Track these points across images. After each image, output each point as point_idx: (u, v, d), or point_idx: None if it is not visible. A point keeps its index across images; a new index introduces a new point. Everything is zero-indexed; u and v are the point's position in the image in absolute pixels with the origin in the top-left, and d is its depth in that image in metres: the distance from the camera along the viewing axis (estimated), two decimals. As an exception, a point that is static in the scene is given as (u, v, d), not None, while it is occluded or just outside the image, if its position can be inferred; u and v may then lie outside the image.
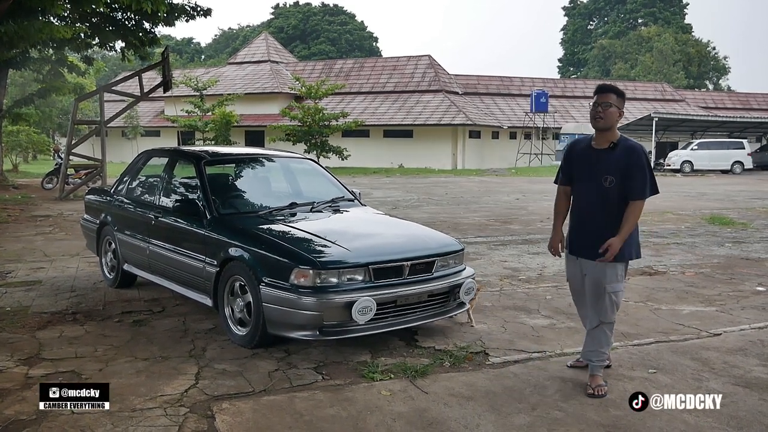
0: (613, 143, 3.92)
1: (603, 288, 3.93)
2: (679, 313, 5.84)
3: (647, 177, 3.86)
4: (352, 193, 6.16)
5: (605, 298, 3.95)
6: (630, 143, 3.94)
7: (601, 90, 3.96)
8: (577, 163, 4.08)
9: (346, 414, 3.65)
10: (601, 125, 3.93)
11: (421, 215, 12.86)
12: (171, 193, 5.98)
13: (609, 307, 3.96)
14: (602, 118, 3.90)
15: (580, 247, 4.04)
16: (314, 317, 4.33)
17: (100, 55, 49.68)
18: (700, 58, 68.24)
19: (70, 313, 5.67)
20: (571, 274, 4.22)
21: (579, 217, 4.07)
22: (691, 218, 13.14)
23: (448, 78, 39.64)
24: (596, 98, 3.95)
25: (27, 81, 32.71)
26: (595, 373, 4.03)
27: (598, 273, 3.94)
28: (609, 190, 3.87)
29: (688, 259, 8.52)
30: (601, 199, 3.90)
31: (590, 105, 4.02)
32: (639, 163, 3.85)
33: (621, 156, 3.87)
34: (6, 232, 10.75)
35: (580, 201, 4.07)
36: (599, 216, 3.92)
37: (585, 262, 4.01)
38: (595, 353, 4.04)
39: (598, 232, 3.90)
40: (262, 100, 37.15)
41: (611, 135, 3.94)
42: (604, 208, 3.90)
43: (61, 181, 17.26)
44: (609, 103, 3.88)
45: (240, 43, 72.77)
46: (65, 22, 15.12)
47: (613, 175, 3.85)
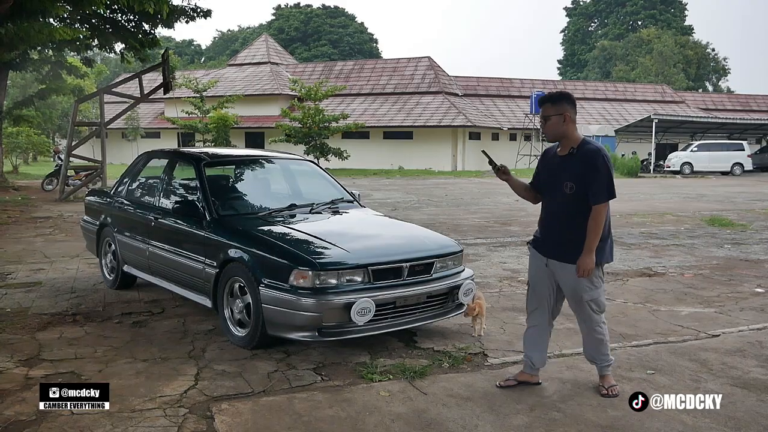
0: (573, 148, 3.83)
1: (581, 297, 3.87)
2: (678, 314, 5.84)
3: (604, 181, 3.72)
4: (351, 195, 6.18)
5: (585, 307, 3.89)
6: (589, 147, 3.82)
7: (539, 104, 3.94)
8: (543, 171, 4.03)
9: (345, 415, 3.66)
10: (549, 138, 3.92)
11: (421, 217, 12.87)
12: (171, 195, 5.99)
13: (592, 313, 3.90)
14: (545, 132, 3.91)
15: (549, 248, 3.94)
16: (313, 318, 4.34)
17: (101, 57, 49.75)
18: (700, 60, 68.27)
19: (70, 314, 5.68)
20: (533, 272, 4.09)
21: (547, 223, 3.99)
22: (690, 220, 13.15)
23: (448, 79, 39.67)
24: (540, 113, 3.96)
25: (27, 82, 32.76)
26: (604, 372, 4.01)
27: (572, 282, 3.86)
28: (570, 197, 3.79)
29: (687, 261, 8.53)
30: (565, 206, 3.83)
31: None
32: (595, 167, 3.72)
33: (579, 161, 3.78)
34: (6, 233, 10.76)
35: (548, 209, 3.99)
36: (565, 223, 3.84)
37: (556, 266, 3.91)
38: (597, 354, 4.01)
39: (566, 237, 3.84)
40: (262, 102, 37.17)
41: (570, 141, 3.85)
42: (568, 214, 3.82)
43: (61, 182, 17.28)
44: (546, 116, 3.85)
45: (239, 44, 72.83)
46: (65, 24, 15.14)
47: (573, 180, 3.77)
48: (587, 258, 3.73)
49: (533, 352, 4.07)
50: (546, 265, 3.96)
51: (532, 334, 4.08)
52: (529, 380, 4.07)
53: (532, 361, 4.07)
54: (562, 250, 3.84)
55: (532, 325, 4.09)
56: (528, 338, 4.11)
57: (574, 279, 3.82)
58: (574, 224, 3.78)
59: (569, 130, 3.83)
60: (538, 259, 4.02)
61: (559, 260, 3.87)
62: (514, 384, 4.08)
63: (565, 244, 3.83)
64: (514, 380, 4.10)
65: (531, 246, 4.11)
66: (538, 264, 4.02)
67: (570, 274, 3.83)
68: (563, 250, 3.84)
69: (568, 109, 3.83)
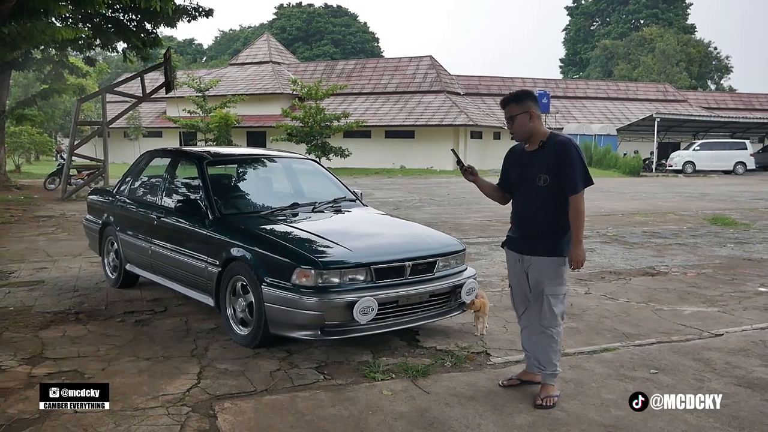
0: (543, 142, 3.83)
1: (542, 290, 3.82)
2: (681, 313, 5.84)
3: (578, 169, 3.72)
4: (353, 194, 6.17)
5: (543, 301, 3.82)
6: (559, 139, 3.84)
7: (502, 106, 3.92)
8: (512, 168, 4.00)
9: (347, 414, 3.66)
10: (517, 137, 3.92)
11: (423, 216, 12.87)
12: (173, 194, 6.00)
13: (548, 311, 3.81)
14: (513, 132, 3.89)
15: (524, 244, 3.90)
16: (316, 317, 4.33)
17: (103, 56, 49.77)
18: (702, 59, 68.15)
19: (73, 312, 5.68)
20: (512, 274, 4.07)
21: (520, 219, 3.97)
22: (693, 219, 13.13)
23: (450, 79, 39.64)
24: (504, 115, 3.94)
25: (30, 82, 32.78)
26: (547, 382, 3.89)
27: (538, 273, 3.83)
28: (544, 190, 3.77)
29: (690, 260, 8.52)
30: (539, 200, 3.80)
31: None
32: (568, 157, 3.72)
33: (551, 153, 3.77)
34: (9, 232, 10.77)
35: (520, 206, 3.97)
36: (539, 216, 3.82)
37: (528, 260, 3.88)
38: (545, 358, 3.88)
39: (542, 230, 3.82)
40: (264, 101, 37.16)
41: (538, 136, 3.85)
42: (542, 208, 3.81)
43: (64, 181, 17.29)
44: (511, 116, 3.85)
45: (241, 44, 72.80)
46: (67, 24, 15.15)
47: (546, 173, 3.76)
48: (578, 249, 3.71)
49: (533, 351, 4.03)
50: (521, 262, 3.93)
51: (528, 335, 4.02)
52: (533, 379, 4.03)
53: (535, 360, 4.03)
54: (538, 244, 3.82)
55: (525, 326, 4.04)
56: (525, 339, 4.07)
57: (543, 272, 3.80)
58: (550, 216, 3.78)
59: (536, 126, 3.84)
60: (514, 258, 4.00)
61: (533, 255, 3.84)
62: (517, 383, 4.07)
63: (540, 238, 3.81)
64: (517, 379, 4.10)
65: (506, 247, 4.09)
66: (515, 263, 4.00)
67: (539, 266, 3.81)
68: (539, 243, 3.81)
69: (532, 106, 3.85)
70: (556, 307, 3.82)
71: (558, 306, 3.83)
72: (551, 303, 3.81)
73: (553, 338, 3.85)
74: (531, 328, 3.97)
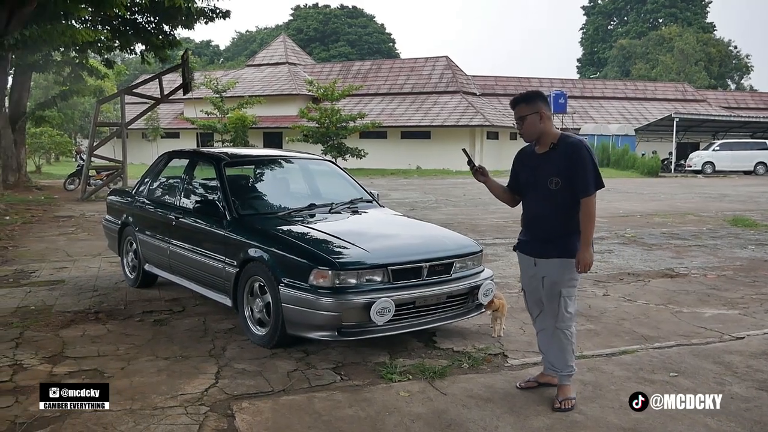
0: (553, 144, 3.77)
1: (558, 291, 3.77)
2: (701, 316, 5.78)
3: (590, 172, 3.67)
4: (370, 195, 6.18)
5: (560, 301, 3.78)
6: (570, 140, 3.77)
7: (512, 106, 3.87)
8: (522, 171, 3.94)
9: (364, 414, 3.66)
10: (527, 138, 3.86)
11: (439, 216, 12.85)
12: (191, 195, 6.04)
13: (564, 310, 3.78)
14: (523, 132, 3.84)
15: (536, 247, 3.85)
16: (333, 318, 4.34)
17: (121, 58, 50.21)
18: (722, 58, 67.45)
19: (93, 312, 5.74)
20: (526, 278, 4.01)
21: (533, 222, 3.89)
22: (712, 220, 13.00)
23: (466, 79, 39.56)
24: (514, 116, 3.89)
25: (50, 84, 33.12)
26: (564, 383, 3.85)
27: (554, 274, 3.78)
28: (556, 193, 3.71)
29: (710, 262, 8.42)
30: (550, 203, 3.74)
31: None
32: (580, 159, 3.66)
33: (562, 155, 3.71)
34: (30, 232, 10.90)
35: (531, 208, 3.91)
36: (551, 219, 3.76)
37: (543, 264, 3.82)
38: (560, 360, 3.85)
39: (554, 233, 3.76)
40: (280, 102, 37.29)
41: (549, 137, 3.79)
42: (554, 211, 3.74)
43: (83, 182, 17.47)
44: (521, 117, 3.80)
45: (257, 45, 73.13)
46: (87, 26, 15.30)
47: (558, 176, 3.70)
48: (586, 252, 3.66)
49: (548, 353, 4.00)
50: (535, 265, 3.88)
51: (543, 338, 3.98)
52: (551, 381, 3.99)
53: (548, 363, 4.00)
54: (551, 247, 3.77)
55: (540, 329, 4.01)
56: (541, 342, 4.03)
57: (557, 273, 3.76)
58: (562, 219, 3.72)
59: (546, 127, 3.79)
60: (527, 262, 3.94)
61: (546, 257, 3.79)
62: (534, 385, 4.04)
63: (553, 240, 3.76)
64: (534, 382, 4.06)
65: (518, 251, 4.03)
66: (528, 267, 3.94)
67: (553, 268, 3.76)
68: (551, 246, 3.76)
69: (543, 107, 3.80)
70: (571, 307, 3.81)
71: (572, 306, 3.82)
72: (567, 304, 3.79)
73: (568, 338, 3.83)
74: (546, 331, 3.94)
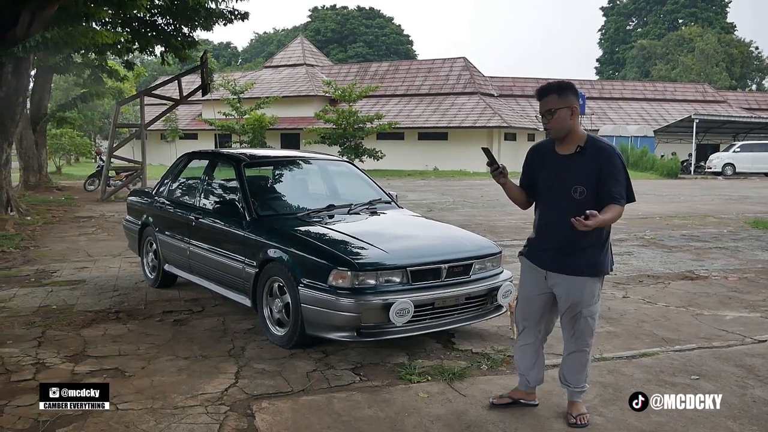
0: (580, 147, 3.41)
1: (579, 312, 3.46)
2: (722, 318, 5.72)
3: (625, 182, 3.36)
4: (388, 195, 6.18)
5: (581, 322, 3.48)
6: (600, 144, 3.41)
7: (540, 96, 3.44)
8: (540, 172, 3.55)
9: (383, 415, 3.66)
10: (554, 135, 3.46)
11: (457, 218, 12.82)
12: (211, 195, 6.08)
13: (586, 331, 3.51)
14: (550, 128, 3.43)
15: (551, 259, 3.50)
16: (352, 318, 4.35)
17: (140, 60, 50.64)
18: (744, 59, 66.71)
19: (113, 311, 5.79)
20: (528, 287, 3.66)
21: (548, 230, 3.52)
22: (733, 222, 12.85)
23: (484, 80, 39.43)
24: (540, 107, 3.45)
25: (70, 86, 33.49)
26: (576, 399, 3.62)
27: (573, 293, 3.45)
28: (580, 203, 3.31)
29: (730, 264, 8.33)
30: (572, 212, 3.24)
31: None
32: (613, 169, 3.32)
33: (591, 161, 3.34)
34: (51, 232, 11.03)
35: (548, 215, 3.52)
36: (570, 231, 3.27)
37: (558, 279, 3.49)
38: (576, 377, 3.61)
39: (574, 246, 3.41)
40: (298, 103, 37.44)
41: (575, 137, 3.42)
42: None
43: (103, 183, 17.65)
44: (551, 110, 3.38)
45: (275, 46, 73.43)
46: (107, 28, 15.45)
47: (584, 184, 3.34)
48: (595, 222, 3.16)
49: (528, 371, 3.73)
50: (545, 278, 3.55)
51: (525, 353, 3.72)
52: (524, 398, 3.76)
53: (528, 380, 3.75)
54: (570, 261, 3.43)
55: (525, 343, 3.72)
56: (521, 357, 3.76)
57: (577, 291, 3.44)
58: (583, 231, 3.24)
59: (575, 125, 3.42)
60: (535, 272, 3.59)
61: (564, 273, 3.45)
62: (508, 402, 3.76)
63: (574, 253, 3.42)
64: (508, 398, 3.78)
65: (525, 257, 3.68)
66: (535, 278, 3.60)
67: (573, 285, 3.44)
68: (571, 261, 3.42)
69: (575, 101, 3.41)
70: (594, 326, 3.55)
71: (594, 324, 3.55)
72: (590, 324, 3.51)
73: (588, 357, 3.60)
74: (532, 346, 3.70)
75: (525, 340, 3.73)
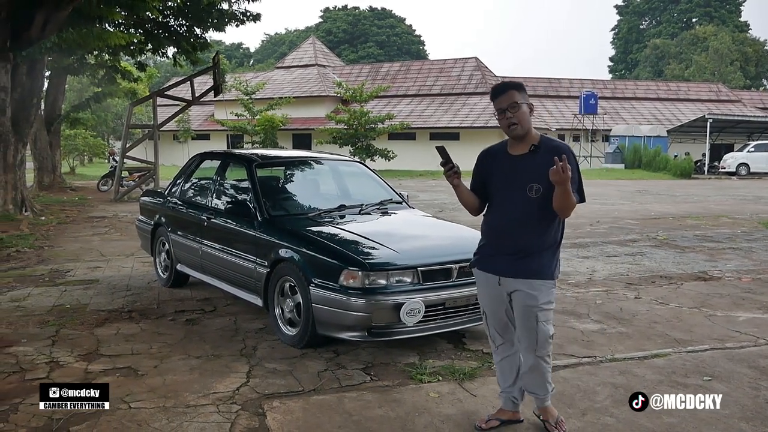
0: (534, 146, 3.31)
1: (536, 316, 3.29)
2: (736, 319, 5.67)
3: (578, 181, 3.25)
4: (399, 196, 6.19)
5: (537, 330, 3.31)
6: (555, 143, 3.32)
7: (500, 92, 3.31)
8: (493, 174, 3.43)
9: (394, 415, 3.67)
10: (520, 131, 3.29)
11: (468, 218, 12.76)
12: (223, 195, 6.11)
13: (542, 337, 3.32)
14: (517, 122, 3.27)
15: (503, 264, 3.35)
16: (363, 318, 4.36)
17: (153, 61, 50.91)
18: (758, 58, 66.12)
19: (126, 311, 5.84)
20: (487, 299, 3.49)
21: (499, 234, 3.38)
22: (747, 222, 12.75)
23: (495, 80, 39.26)
24: (499, 103, 3.30)
25: (84, 86, 33.76)
26: (546, 405, 3.49)
27: (527, 297, 3.30)
28: (535, 201, 3.24)
29: (744, 265, 8.27)
30: (526, 212, 3.24)
31: (495, 114, 3.34)
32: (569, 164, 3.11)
33: (546, 160, 3.16)
34: (65, 232, 11.13)
35: (499, 216, 3.39)
36: (526, 232, 3.26)
37: (511, 283, 3.33)
38: (539, 386, 3.44)
39: (527, 248, 3.29)
40: (309, 104, 37.50)
41: (530, 137, 3.32)
42: (529, 221, 3.27)
43: (116, 183, 17.77)
44: (516, 104, 3.26)
45: (287, 47, 73.64)
46: (120, 29, 15.56)
47: (539, 182, 3.21)
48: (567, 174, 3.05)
49: (513, 387, 3.56)
50: (499, 284, 3.39)
51: (505, 368, 3.56)
52: (512, 418, 3.58)
53: (514, 397, 3.57)
54: (522, 265, 3.30)
55: (503, 356, 3.56)
56: (501, 373, 3.59)
57: (531, 295, 3.28)
58: (537, 232, 3.26)
59: (532, 125, 3.34)
60: (489, 281, 3.43)
61: (516, 277, 3.31)
62: (497, 425, 3.54)
63: (527, 256, 3.29)
64: (496, 420, 3.56)
65: (477, 269, 3.51)
66: (491, 286, 3.43)
67: (528, 289, 3.29)
68: (523, 264, 3.30)
69: (530, 100, 3.35)
70: (551, 331, 3.36)
71: (551, 329, 3.37)
72: (545, 329, 3.33)
73: (548, 363, 3.42)
74: (510, 359, 3.54)
75: (503, 353, 3.57)
